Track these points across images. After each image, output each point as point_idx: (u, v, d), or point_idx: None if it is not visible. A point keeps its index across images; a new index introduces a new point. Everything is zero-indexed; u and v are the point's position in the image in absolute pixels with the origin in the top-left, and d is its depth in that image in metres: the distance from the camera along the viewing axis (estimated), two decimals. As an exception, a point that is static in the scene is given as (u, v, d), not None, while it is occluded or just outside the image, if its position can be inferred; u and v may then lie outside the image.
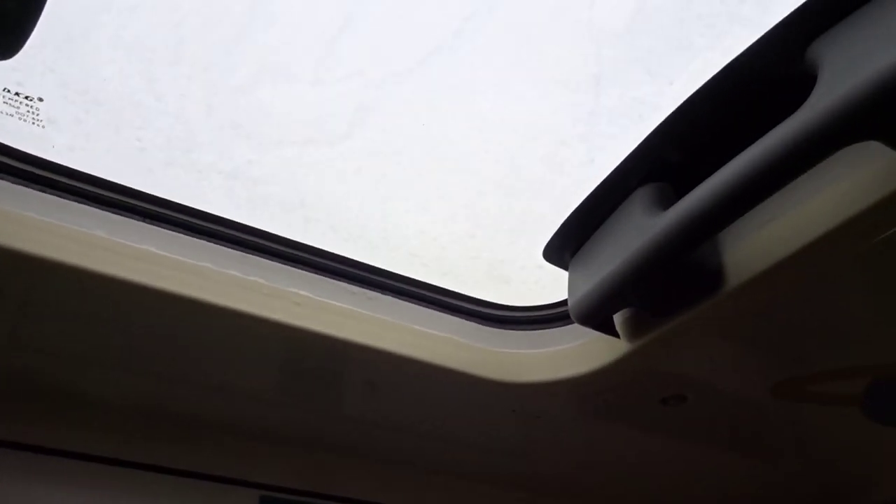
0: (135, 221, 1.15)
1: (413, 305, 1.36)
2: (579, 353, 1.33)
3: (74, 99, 0.98)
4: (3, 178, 1.02)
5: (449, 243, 1.28)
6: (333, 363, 1.34)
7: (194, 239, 1.18)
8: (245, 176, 1.11)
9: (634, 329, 1.22)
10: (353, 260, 1.28)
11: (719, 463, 1.72)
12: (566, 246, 1.22)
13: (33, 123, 0.98)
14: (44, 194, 1.10)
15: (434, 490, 1.70)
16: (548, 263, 1.25)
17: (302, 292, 1.23)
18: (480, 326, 1.40)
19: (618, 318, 1.24)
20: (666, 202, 1.06)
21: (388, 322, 1.32)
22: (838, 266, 1.09)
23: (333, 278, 1.30)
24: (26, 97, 0.96)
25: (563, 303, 1.36)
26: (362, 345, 1.26)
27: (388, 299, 1.34)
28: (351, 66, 1.00)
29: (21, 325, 1.18)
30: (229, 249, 1.21)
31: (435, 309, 1.38)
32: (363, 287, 1.31)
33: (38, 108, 0.97)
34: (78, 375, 1.32)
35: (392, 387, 1.40)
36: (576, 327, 1.36)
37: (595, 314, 1.18)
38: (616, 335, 1.24)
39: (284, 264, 1.23)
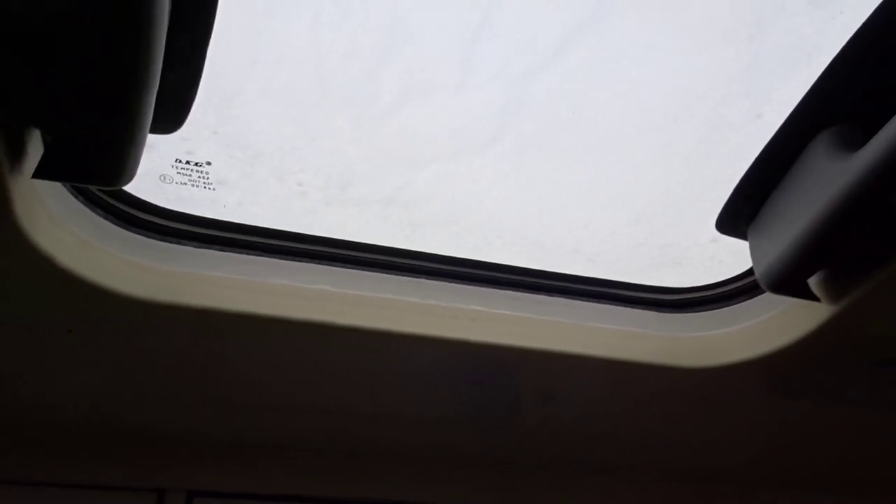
0: (308, 264, 1.18)
1: (584, 303, 1.32)
2: (775, 325, 1.23)
3: (238, 156, 1.03)
4: (187, 244, 1.08)
5: (612, 232, 1.23)
6: (507, 371, 1.31)
7: (365, 272, 1.20)
8: (401, 201, 1.11)
9: (836, 290, 1.12)
10: (516, 267, 1.26)
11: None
12: (742, 213, 1.14)
13: (205, 188, 1.03)
14: (222, 253, 1.15)
15: (621, 491, 1.63)
16: (723, 235, 1.17)
17: (475, 307, 1.22)
18: (659, 314, 1.33)
19: (814, 281, 1.13)
20: (855, 144, 0.96)
21: (562, 324, 1.28)
22: None
23: (500, 288, 1.28)
24: (196, 164, 1.01)
25: (746, 274, 1.28)
26: (539, 350, 1.23)
27: (558, 300, 1.30)
28: (491, 68, 0.98)
29: (208, 381, 1.23)
30: (402, 277, 1.22)
31: (608, 303, 1.33)
32: (530, 292, 1.28)
33: (207, 172, 1.02)
34: (269, 423, 1.37)
35: (573, 389, 1.36)
36: (764, 299, 1.27)
37: (790, 279, 1.08)
38: (816, 299, 1.13)
39: (453, 282, 1.23)
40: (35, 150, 0.86)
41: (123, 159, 0.82)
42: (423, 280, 1.20)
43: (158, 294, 1.04)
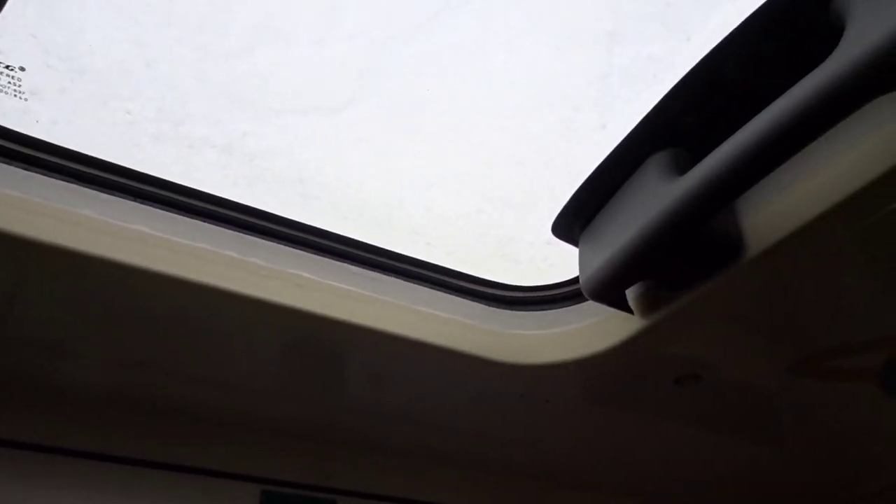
0: (125, 201, 1.09)
1: (418, 287, 1.31)
2: (591, 331, 1.29)
3: (58, 67, 0.92)
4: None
5: (455, 220, 1.23)
6: (336, 348, 1.29)
7: (188, 219, 1.13)
8: (241, 150, 1.05)
9: (648, 305, 1.18)
10: (355, 240, 1.23)
11: (729, 445, 1.68)
12: (576, 220, 1.17)
13: (15, 96, 0.93)
14: (28, 172, 1.04)
15: (440, 481, 1.66)
16: (557, 240, 1.21)
17: (303, 274, 1.18)
18: (488, 308, 1.35)
19: (631, 294, 1.19)
20: (682, 167, 1.01)
21: (393, 304, 1.27)
22: (859, 235, 1.06)
23: (335, 259, 1.25)
24: (7, 66, 0.90)
25: (574, 281, 1.32)
26: (366, 327, 1.21)
27: (393, 281, 1.29)
28: (353, 26, 0.95)
29: (4, 313, 1.12)
30: (225, 230, 1.16)
31: (441, 290, 1.33)
32: (366, 268, 1.26)
33: (19, 79, 0.91)
34: (65, 366, 1.26)
35: (396, 372, 1.36)
36: (587, 306, 1.32)
37: (607, 289, 1.13)
38: (629, 311, 1.19)
39: (284, 245, 1.18)
40: None
41: None
42: (246, 236, 1.15)
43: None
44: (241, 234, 1.16)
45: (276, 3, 0.92)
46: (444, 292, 1.33)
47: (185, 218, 1.16)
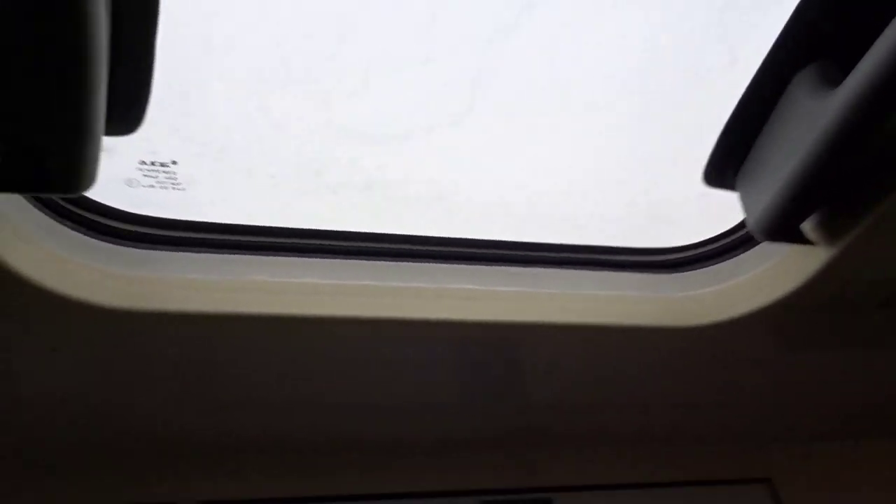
0: (290, 258, 1.16)
1: (580, 272, 1.29)
2: (771, 275, 1.20)
3: (203, 151, 1.00)
4: (162, 249, 1.06)
5: (601, 196, 1.20)
6: (514, 350, 1.29)
7: (348, 261, 1.18)
8: (379, 183, 1.08)
9: (831, 232, 1.09)
10: (508, 241, 1.23)
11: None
12: (728, 163, 1.10)
13: (174, 188, 1.01)
14: (200, 255, 1.13)
15: (643, 460, 1.61)
16: (712, 189, 1.14)
17: (467, 286, 1.19)
18: (656, 275, 1.30)
19: (807, 226, 1.10)
20: (833, 80, 0.93)
21: (560, 295, 1.25)
22: None
23: (493, 265, 1.25)
24: (161, 164, 0.98)
25: (738, 227, 1.25)
26: (540, 323, 1.20)
27: (554, 272, 1.27)
28: (454, 37, 0.95)
29: (201, 385, 1.21)
30: (384, 262, 1.19)
31: (604, 270, 1.30)
32: (525, 266, 1.25)
33: (174, 172, 0.99)
34: (276, 419, 1.34)
35: (577, 361, 1.33)
36: (760, 251, 1.24)
37: (783, 226, 1.05)
38: (810, 244, 1.10)
39: (443, 263, 1.20)
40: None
41: (79, 163, 0.79)
42: (408, 263, 1.18)
43: (138, 302, 1.02)
44: (399, 263, 1.19)
45: (377, 34, 0.94)
46: (608, 271, 1.29)
47: (344, 261, 1.21)
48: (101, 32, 0.72)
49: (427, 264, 1.19)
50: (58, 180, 0.81)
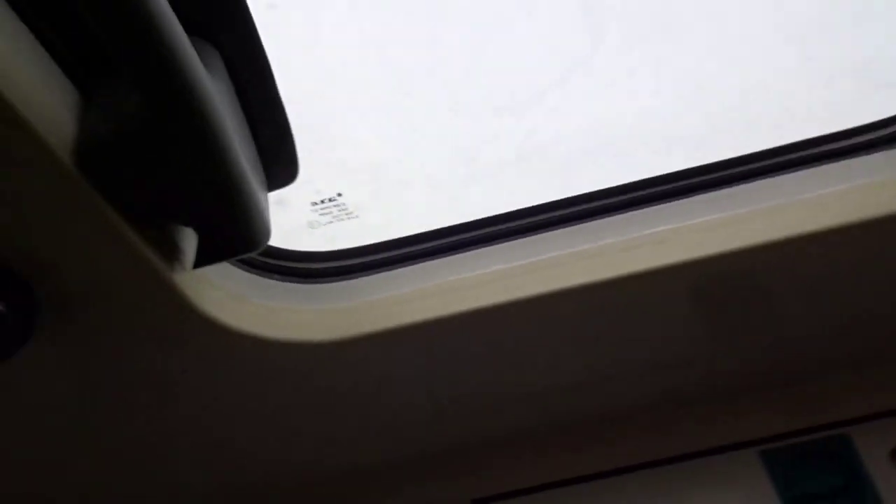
0: (478, 250, 1.16)
1: (793, 174, 1.12)
2: None
3: (361, 177, 1.03)
4: (359, 276, 1.12)
5: (792, 82, 1.02)
6: (742, 281, 1.15)
7: (536, 236, 1.15)
8: (532, 150, 1.04)
9: None
10: (698, 167, 1.11)
11: None
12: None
13: (348, 218, 1.06)
14: (400, 269, 1.17)
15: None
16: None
17: (660, 228, 1.09)
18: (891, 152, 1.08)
19: None
20: None
21: (777, 206, 1.10)
22: None
23: (689, 196, 1.14)
24: (329, 200, 1.04)
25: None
26: (766, 243, 1.06)
27: (770, 181, 1.12)
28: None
29: (442, 385, 1.25)
30: (567, 228, 1.14)
31: (821, 164, 1.12)
32: (721, 189, 1.12)
33: (343, 203, 1.04)
34: (514, 412, 1.35)
35: (815, 275, 1.15)
36: None
37: None
38: None
39: (622, 213, 1.12)
40: (189, 242, 0.94)
41: (249, 224, 0.86)
42: (584, 224, 1.12)
43: (350, 330, 1.08)
44: (582, 225, 1.13)
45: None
46: (826, 164, 1.10)
47: (532, 237, 1.18)
48: (220, 111, 0.76)
49: (609, 218, 1.12)
50: (238, 243, 0.89)
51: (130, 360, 1.01)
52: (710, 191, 1.13)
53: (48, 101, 0.71)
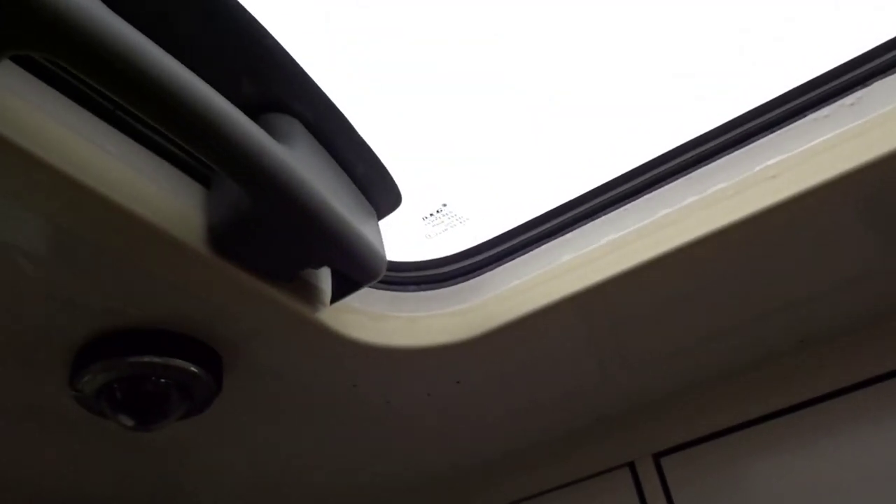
0: (589, 224, 1.18)
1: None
2: None
3: (461, 180, 1.09)
4: (478, 275, 1.19)
5: None
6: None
7: (641, 200, 1.15)
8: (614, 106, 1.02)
9: None
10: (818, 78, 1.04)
11: None
12: None
13: (459, 223, 1.13)
14: (521, 257, 1.23)
15: None
16: None
17: (769, 163, 1.05)
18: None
19: None
20: None
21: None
22: None
23: (778, 129, 1.08)
24: (437, 211, 1.12)
25: None
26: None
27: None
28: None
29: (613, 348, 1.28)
30: (680, 180, 1.13)
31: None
32: (830, 103, 1.04)
33: (451, 212, 1.11)
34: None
35: None
36: None
37: None
38: None
39: (721, 158, 1.09)
40: (326, 281, 1.07)
41: (366, 256, 0.96)
42: (692, 173, 1.09)
43: (485, 325, 1.16)
44: (688, 175, 1.11)
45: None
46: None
47: (648, 195, 1.18)
48: (305, 176, 0.85)
49: (720, 161, 1.09)
50: (359, 275, 1.00)
51: (298, 384, 1.17)
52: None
53: (176, 205, 0.86)
